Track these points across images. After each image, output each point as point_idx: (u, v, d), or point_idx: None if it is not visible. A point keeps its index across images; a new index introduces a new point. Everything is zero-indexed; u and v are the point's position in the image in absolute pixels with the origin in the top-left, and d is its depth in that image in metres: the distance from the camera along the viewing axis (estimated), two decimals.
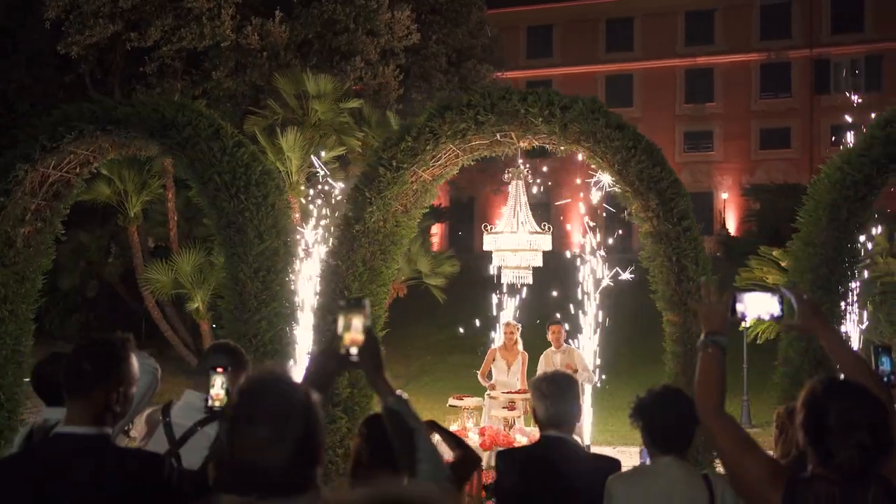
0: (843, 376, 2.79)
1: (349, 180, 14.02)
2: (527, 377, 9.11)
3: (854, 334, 7.39)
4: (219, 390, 2.92)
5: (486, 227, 8.52)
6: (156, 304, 16.52)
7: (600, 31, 36.09)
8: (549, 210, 20.71)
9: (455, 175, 8.88)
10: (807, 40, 33.57)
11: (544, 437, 3.31)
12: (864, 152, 6.81)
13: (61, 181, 9.17)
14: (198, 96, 17.01)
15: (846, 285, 7.02)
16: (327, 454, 7.24)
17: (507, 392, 8.66)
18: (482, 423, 8.70)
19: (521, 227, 8.18)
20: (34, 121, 8.86)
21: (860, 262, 7.26)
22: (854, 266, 7.09)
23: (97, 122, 8.37)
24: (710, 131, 34.75)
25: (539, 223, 8.52)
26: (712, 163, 34.27)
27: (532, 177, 8.96)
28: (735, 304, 2.69)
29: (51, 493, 2.28)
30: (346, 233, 8.16)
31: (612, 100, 27.37)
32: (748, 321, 2.99)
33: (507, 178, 8.54)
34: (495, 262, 8.45)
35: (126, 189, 15.52)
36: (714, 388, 2.54)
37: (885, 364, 2.89)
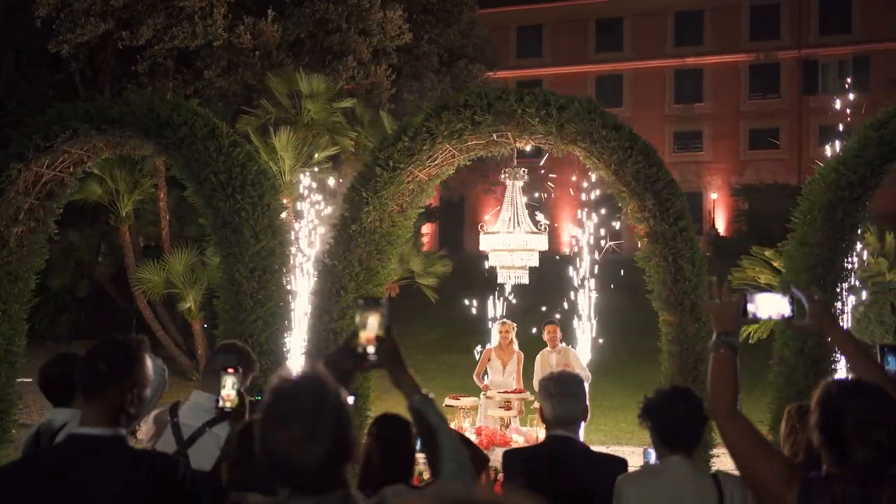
0: (849, 376, 2.80)
1: (341, 180, 14.03)
2: (522, 377, 9.13)
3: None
4: (230, 391, 2.92)
5: (482, 227, 8.52)
6: (147, 304, 16.44)
7: (590, 31, 36.15)
8: (542, 209, 20.70)
9: (447, 174, 8.88)
10: (795, 41, 33.74)
11: (551, 437, 3.32)
12: (858, 153, 6.86)
13: (55, 180, 9.12)
14: (189, 95, 16.94)
15: (842, 285, 7.07)
16: None
17: (503, 392, 8.65)
18: (478, 422, 8.69)
19: (517, 227, 8.19)
20: (27, 119, 8.80)
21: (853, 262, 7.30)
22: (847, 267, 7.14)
23: (91, 121, 8.32)
24: (699, 131, 34.87)
25: (534, 221, 8.53)
26: (702, 163, 34.39)
27: (529, 177, 8.96)
28: (746, 304, 2.67)
29: (67, 493, 2.28)
30: (343, 233, 8.15)
31: (602, 100, 27.11)
32: (759, 321, 2.98)
33: (503, 178, 8.55)
34: (491, 261, 8.46)
35: (118, 188, 15.45)
36: (727, 389, 2.54)
37: (891, 363, 2.89)
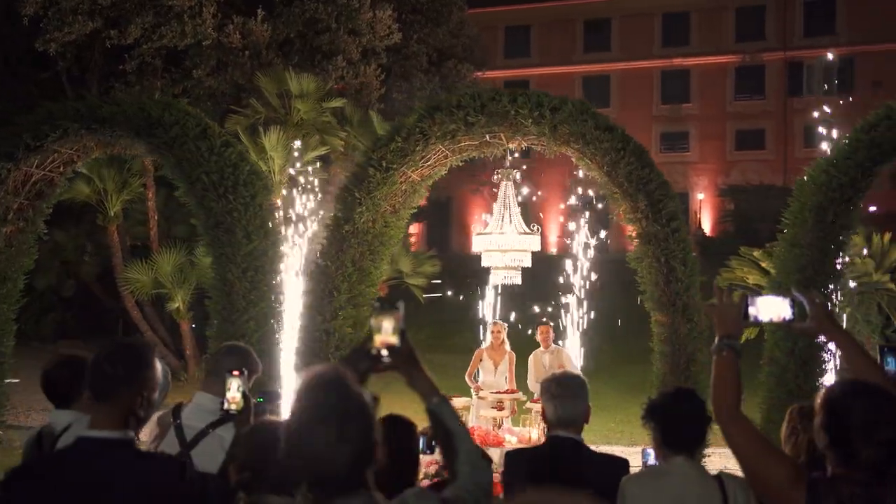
0: (845, 377, 2.82)
1: (331, 180, 14.02)
2: (514, 377, 9.13)
3: None
4: (235, 393, 2.91)
5: (475, 227, 8.54)
6: (135, 303, 16.36)
7: (578, 31, 36.22)
8: (528, 210, 20.76)
9: (440, 175, 8.88)
10: (780, 43, 33.96)
11: (553, 437, 3.34)
12: (849, 155, 6.92)
13: (44, 180, 9.07)
14: (178, 95, 16.85)
15: (832, 286, 7.13)
16: None
17: (495, 392, 8.66)
18: (470, 423, 8.69)
19: (509, 227, 8.21)
20: (17, 119, 8.75)
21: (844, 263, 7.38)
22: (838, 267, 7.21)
23: (82, 120, 8.29)
24: (686, 132, 35.02)
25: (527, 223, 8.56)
26: (688, 163, 34.53)
27: (521, 178, 8.99)
28: (747, 308, 2.68)
29: (77, 496, 2.27)
30: (336, 233, 8.15)
31: (590, 100, 26.79)
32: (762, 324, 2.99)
33: (496, 178, 8.57)
34: (484, 262, 8.47)
35: (106, 188, 15.36)
36: (730, 391, 2.55)
37: (890, 364, 2.91)
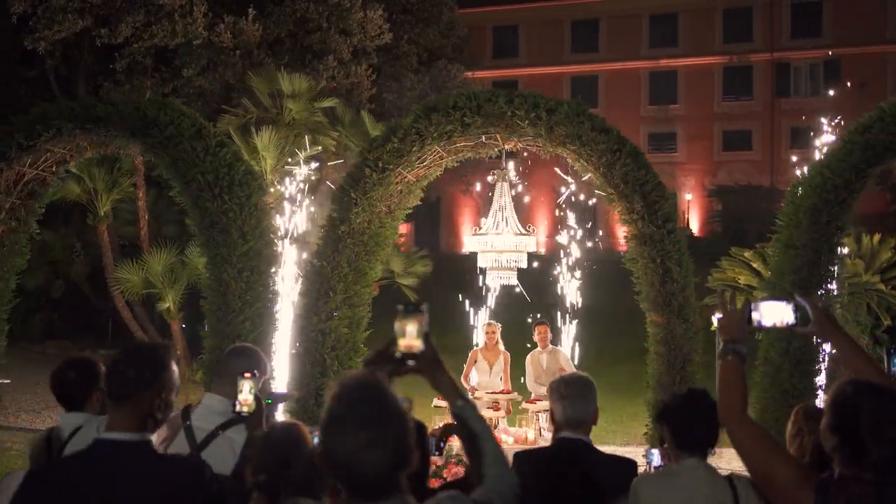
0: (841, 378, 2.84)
1: (323, 180, 13.99)
2: (510, 377, 9.13)
3: None
4: (247, 395, 2.91)
5: (473, 229, 8.54)
6: (125, 304, 16.27)
7: (566, 32, 36.29)
8: (518, 210, 20.80)
9: (435, 176, 8.89)
10: (767, 44, 34.15)
11: (561, 439, 3.35)
12: (843, 157, 6.98)
13: (37, 179, 9.03)
14: (168, 94, 16.78)
15: (826, 287, 7.19)
16: None
17: (490, 392, 8.66)
18: None
19: (506, 228, 8.22)
20: (9, 118, 8.70)
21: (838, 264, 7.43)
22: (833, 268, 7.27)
23: (76, 120, 8.25)
24: (673, 133, 35.15)
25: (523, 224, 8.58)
26: (676, 164, 34.64)
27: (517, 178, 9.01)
28: (751, 313, 2.71)
29: (95, 499, 2.26)
30: (332, 234, 8.14)
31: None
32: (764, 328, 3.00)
33: (492, 179, 8.58)
34: (480, 262, 8.47)
35: (96, 187, 15.26)
36: (736, 395, 2.59)
37: None
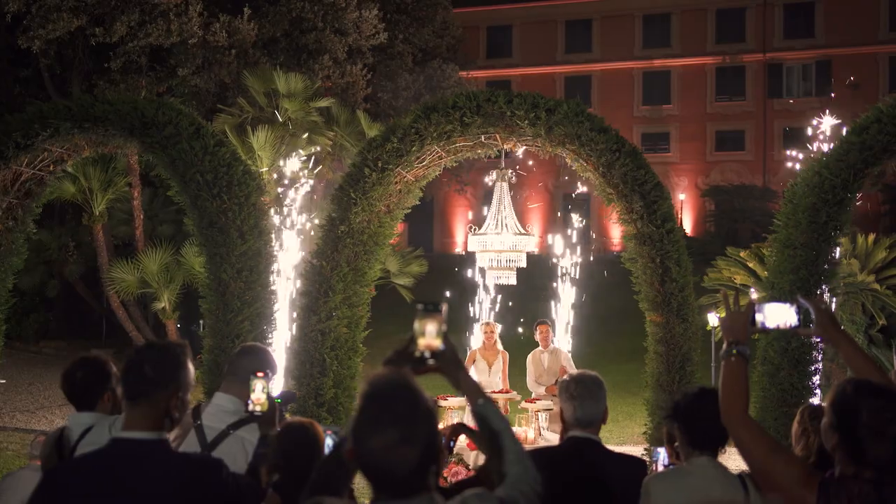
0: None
1: (319, 179, 13.98)
2: (508, 377, 9.15)
3: None
4: (259, 395, 2.92)
5: (471, 228, 8.55)
6: (120, 303, 16.22)
7: (559, 32, 36.35)
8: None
9: (434, 176, 8.89)
10: (760, 45, 34.28)
11: (571, 438, 3.36)
12: (841, 157, 7.01)
13: (34, 179, 8.98)
14: (162, 93, 16.74)
15: (824, 287, 7.22)
16: None
17: (489, 392, 8.66)
18: (466, 422, 8.68)
19: (505, 228, 8.23)
20: (5, 117, 8.66)
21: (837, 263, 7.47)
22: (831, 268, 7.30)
23: (73, 119, 8.21)
24: (666, 133, 35.24)
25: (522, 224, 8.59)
26: (669, 164, 34.71)
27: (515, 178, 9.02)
28: (755, 314, 2.73)
29: (113, 498, 2.26)
30: (331, 233, 8.13)
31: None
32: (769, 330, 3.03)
33: (491, 179, 8.59)
34: (479, 262, 8.48)
35: (91, 187, 15.20)
36: (739, 396, 2.61)
37: None
